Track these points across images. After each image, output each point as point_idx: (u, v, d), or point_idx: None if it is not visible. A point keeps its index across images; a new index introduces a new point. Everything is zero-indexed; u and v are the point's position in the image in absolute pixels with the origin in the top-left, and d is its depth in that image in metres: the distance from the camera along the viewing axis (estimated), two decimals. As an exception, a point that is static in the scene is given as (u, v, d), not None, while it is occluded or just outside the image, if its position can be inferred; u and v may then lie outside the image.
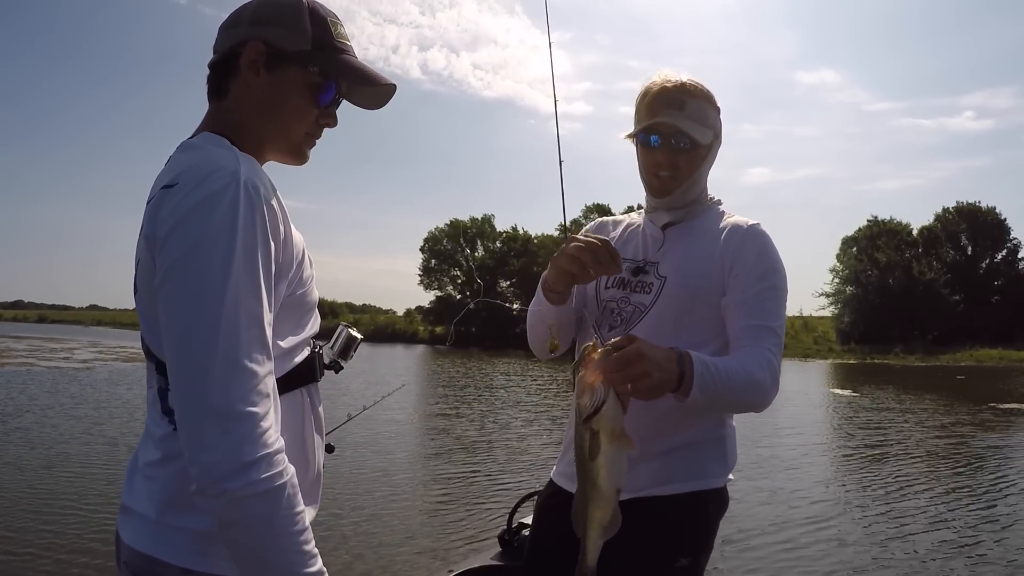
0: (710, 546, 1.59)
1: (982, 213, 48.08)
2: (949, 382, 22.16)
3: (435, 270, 55.00)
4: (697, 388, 1.32)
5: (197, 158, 1.07)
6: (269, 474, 0.95)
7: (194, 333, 0.96)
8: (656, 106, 1.61)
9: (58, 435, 8.91)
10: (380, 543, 5.17)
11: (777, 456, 8.86)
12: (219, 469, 0.93)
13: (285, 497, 0.97)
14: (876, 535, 5.59)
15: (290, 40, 1.16)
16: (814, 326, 47.19)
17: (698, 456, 1.57)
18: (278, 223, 1.06)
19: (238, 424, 0.94)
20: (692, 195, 1.66)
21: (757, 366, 1.44)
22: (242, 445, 0.94)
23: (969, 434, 11.00)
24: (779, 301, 1.56)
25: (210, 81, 1.20)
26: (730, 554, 5.00)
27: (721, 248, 1.59)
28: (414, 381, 19.75)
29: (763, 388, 1.44)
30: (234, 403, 0.95)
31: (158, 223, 1.01)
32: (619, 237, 1.76)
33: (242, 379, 0.96)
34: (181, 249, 0.98)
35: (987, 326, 40.41)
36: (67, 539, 5.03)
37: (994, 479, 7.80)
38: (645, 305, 1.60)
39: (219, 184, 1.00)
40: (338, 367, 1.40)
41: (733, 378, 1.39)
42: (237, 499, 0.94)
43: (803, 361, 34.46)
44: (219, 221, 0.98)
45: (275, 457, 0.97)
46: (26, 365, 19.00)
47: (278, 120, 1.18)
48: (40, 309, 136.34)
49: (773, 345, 1.49)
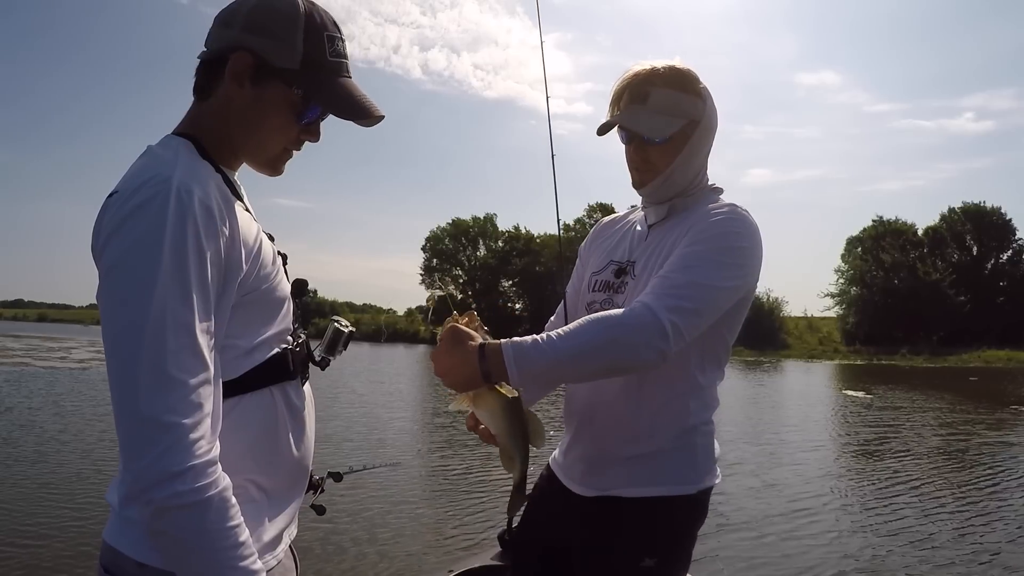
0: (684, 552, 1.56)
1: (987, 213, 48.05)
2: (962, 384, 21.90)
3: (437, 269, 54.81)
4: (516, 374, 1.26)
5: (139, 165, 1.08)
6: (196, 485, 0.95)
7: (121, 342, 0.96)
8: (619, 102, 1.58)
9: (40, 435, 8.71)
10: (380, 543, 5.14)
11: (808, 462, 8.61)
12: (145, 479, 0.93)
13: (214, 509, 0.96)
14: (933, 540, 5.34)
15: (278, 55, 1.13)
16: (818, 327, 47.02)
17: (664, 462, 1.54)
18: (217, 226, 1.04)
19: (164, 434, 0.94)
20: (676, 185, 1.58)
21: (618, 324, 1.31)
22: (167, 455, 0.94)
23: (1002, 438, 10.77)
24: (707, 264, 1.40)
25: (198, 75, 1.18)
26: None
27: (686, 232, 1.50)
28: (415, 380, 19.59)
29: (623, 345, 1.30)
30: (160, 413, 0.94)
31: (97, 233, 1.03)
32: (614, 238, 1.74)
33: (169, 389, 0.95)
34: (111, 259, 0.99)
35: (992, 327, 40.30)
36: (46, 538, 4.94)
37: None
38: (621, 306, 1.50)
39: (149, 193, 1.00)
40: (326, 362, 1.38)
41: (570, 345, 1.28)
42: (163, 510, 0.94)
43: (808, 362, 34.26)
44: (145, 230, 0.98)
45: (206, 468, 0.96)
46: (22, 365, 18.77)
47: (256, 134, 1.17)
48: (40, 308, 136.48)
49: (670, 298, 1.33)
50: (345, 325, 1.44)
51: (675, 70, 1.55)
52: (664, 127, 1.52)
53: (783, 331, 43.78)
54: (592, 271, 1.72)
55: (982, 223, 47.74)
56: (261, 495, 1.16)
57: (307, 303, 1.38)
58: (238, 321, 1.10)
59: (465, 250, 55.15)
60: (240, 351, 1.12)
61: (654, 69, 1.54)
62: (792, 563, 4.92)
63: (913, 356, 36.20)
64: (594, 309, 1.62)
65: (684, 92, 1.53)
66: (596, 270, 1.70)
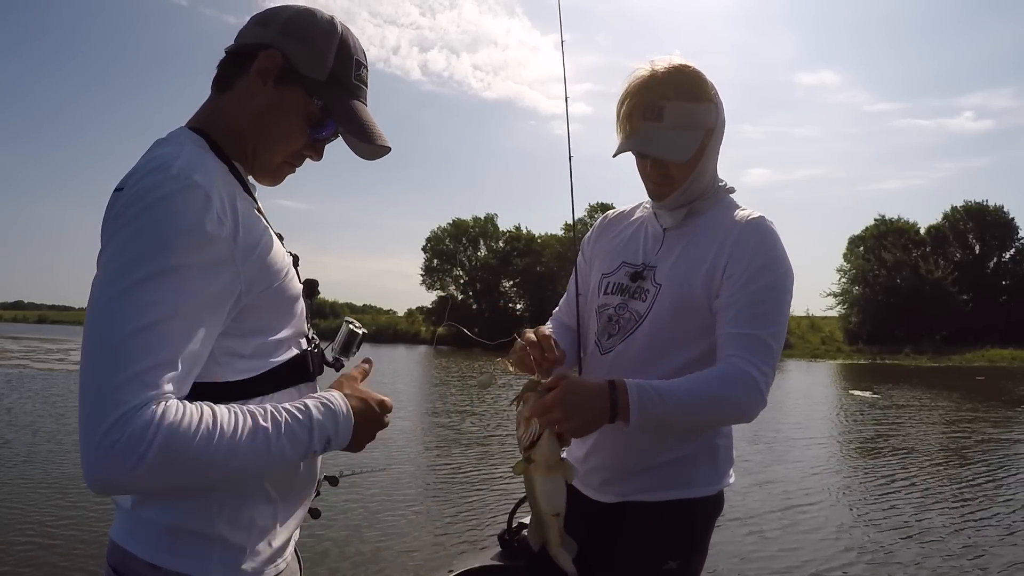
0: (703, 550, 1.59)
1: (990, 212, 47.88)
2: (969, 383, 21.77)
3: (437, 270, 54.61)
4: (637, 414, 1.32)
5: (146, 159, 1.06)
6: (147, 449, 0.89)
7: (90, 341, 0.94)
8: (632, 119, 1.51)
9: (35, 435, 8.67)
10: (380, 543, 5.15)
11: (827, 470, 8.45)
12: (98, 477, 0.90)
13: (182, 430, 0.91)
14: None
15: (308, 63, 1.15)
16: (820, 326, 46.85)
17: (689, 467, 1.55)
18: (217, 218, 1.01)
19: (113, 449, 0.88)
20: (694, 192, 1.57)
21: (725, 382, 1.40)
22: (118, 459, 0.88)
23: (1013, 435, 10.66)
24: (774, 304, 1.47)
25: (220, 68, 1.18)
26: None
27: (718, 247, 1.51)
28: (415, 381, 19.62)
29: (732, 403, 1.40)
30: (112, 391, 0.90)
31: (105, 227, 1.02)
32: (623, 237, 1.71)
33: (124, 370, 0.91)
34: (109, 252, 0.99)
35: (995, 326, 40.13)
36: (46, 538, 4.88)
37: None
38: (640, 313, 1.56)
39: (149, 184, 0.99)
40: (340, 364, 1.36)
41: (686, 398, 1.36)
42: (130, 485, 0.93)
43: (812, 362, 34.10)
44: (144, 222, 0.97)
45: (148, 431, 0.89)
46: (20, 367, 18.62)
47: (265, 135, 1.16)
48: (40, 310, 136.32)
49: (758, 355, 1.42)
50: (358, 326, 1.40)
51: (685, 75, 1.50)
52: (686, 146, 1.48)
53: (786, 331, 43.45)
54: (602, 272, 1.68)
55: (984, 222, 47.58)
56: (277, 497, 1.14)
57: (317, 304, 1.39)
58: (255, 320, 1.09)
59: (466, 250, 54.97)
60: (261, 350, 1.12)
61: (663, 76, 1.49)
62: (797, 555, 4.94)
63: (917, 356, 36.01)
64: (607, 313, 1.61)
65: (699, 102, 1.49)
66: (607, 271, 1.67)
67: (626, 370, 1.48)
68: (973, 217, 47.93)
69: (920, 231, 48.17)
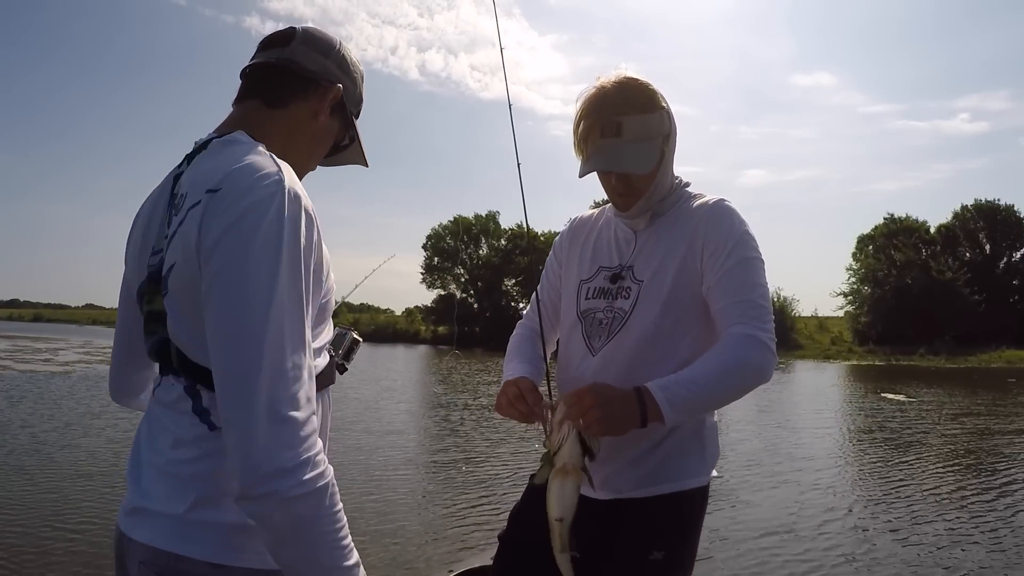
0: (692, 542, 1.61)
1: (1000, 211, 47.36)
2: (1000, 384, 21.18)
3: (438, 268, 53.72)
4: (669, 411, 1.38)
5: (242, 161, 1.07)
6: (314, 474, 0.98)
7: (243, 340, 0.98)
8: (591, 139, 1.56)
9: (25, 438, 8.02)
10: (380, 543, 5.09)
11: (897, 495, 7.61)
12: (265, 470, 0.95)
13: (328, 496, 1.00)
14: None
15: (352, 99, 1.30)
16: (828, 327, 46.13)
17: (681, 460, 1.59)
18: (316, 230, 1.09)
19: (284, 428, 0.97)
20: (657, 197, 1.64)
21: (734, 350, 1.46)
22: (288, 448, 0.97)
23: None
24: (755, 270, 1.54)
25: (269, 82, 1.21)
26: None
27: (691, 234, 1.58)
28: (415, 381, 19.20)
29: (751, 366, 1.46)
30: (280, 408, 0.97)
31: (204, 229, 1.03)
32: (596, 242, 1.75)
33: (288, 384, 0.99)
34: (229, 256, 1.00)
35: (1008, 326, 39.51)
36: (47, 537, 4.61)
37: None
38: (625, 311, 1.61)
39: (265, 192, 1.02)
40: (343, 369, 1.41)
41: (706, 379, 1.42)
42: (285, 500, 0.96)
43: (824, 363, 33.29)
44: (266, 229, 1.00)
45: (318, 458, 1.00)
46: (3, 368, 17.67)
47: (309, 156, 1.26)
48: (36, 308, 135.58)
49: (754, 317, 1.49)
50: (357, 334, 1.47)
51: (635, 88, 1.56)
52: (649, 157, 1.55)
53: (794, 331, 42.67)
54: (581, 278, 1.73)
55: (995, 221, 47.05)
56: None
57: None
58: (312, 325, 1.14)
59: (467, 248, 54.12)
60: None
61: (615, 92, 1.55)
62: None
63: (932, 356, 35.26)
64: (595, 317, 1.66)
65: (652, 111, 1.56)
66: (585, 277, 1.72)
67: (619, 367, 1.57)
68: (984, 216, 47.42)
69: (930, 230, 47.53)
